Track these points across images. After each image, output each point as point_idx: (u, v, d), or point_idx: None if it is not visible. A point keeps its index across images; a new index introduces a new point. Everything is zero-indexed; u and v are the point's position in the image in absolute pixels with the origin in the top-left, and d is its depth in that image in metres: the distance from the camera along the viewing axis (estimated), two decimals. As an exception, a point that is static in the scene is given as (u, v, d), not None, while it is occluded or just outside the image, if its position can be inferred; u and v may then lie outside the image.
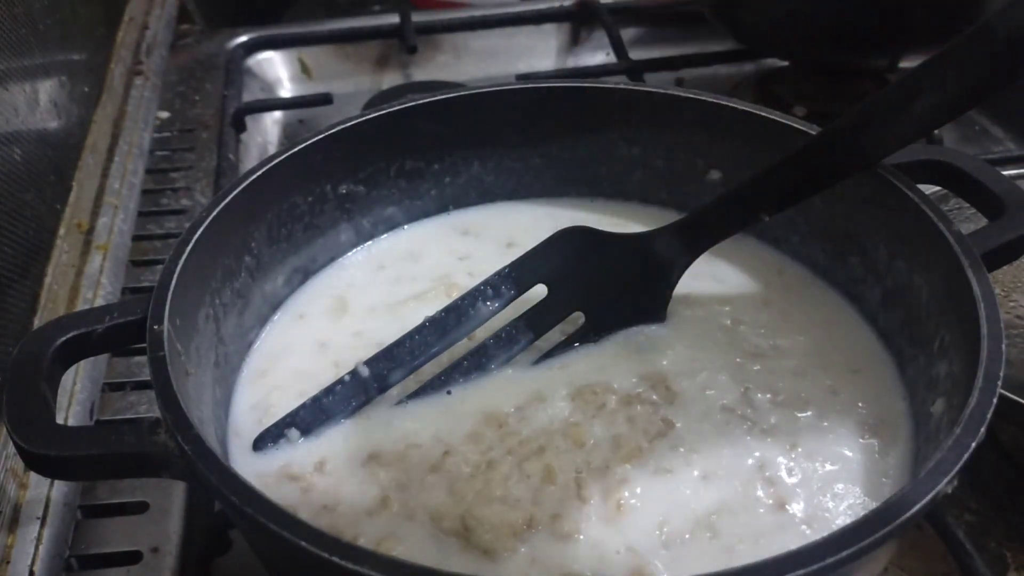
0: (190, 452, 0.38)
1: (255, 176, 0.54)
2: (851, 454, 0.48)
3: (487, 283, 0.53)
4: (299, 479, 0.48)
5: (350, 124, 0.58)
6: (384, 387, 0.52)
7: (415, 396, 0.52)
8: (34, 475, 0.54)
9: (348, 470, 0.48)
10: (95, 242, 0.71)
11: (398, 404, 0.52)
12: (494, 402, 0.51)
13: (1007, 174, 0.52)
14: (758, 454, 0.48)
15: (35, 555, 0.51)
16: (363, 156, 0.60)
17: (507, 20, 1.01)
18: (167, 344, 0.43)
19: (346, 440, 0.50)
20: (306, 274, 0.61)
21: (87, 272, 0.68)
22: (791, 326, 0.56)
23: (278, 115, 0.96)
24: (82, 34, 0.84)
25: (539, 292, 0.54)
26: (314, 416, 0.50)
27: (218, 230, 0.50)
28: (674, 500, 0.46)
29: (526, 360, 0.54)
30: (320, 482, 0.48)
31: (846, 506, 0.46)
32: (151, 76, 0.93)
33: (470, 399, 0.52)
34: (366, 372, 0.51)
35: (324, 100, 0.89)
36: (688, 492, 0.46)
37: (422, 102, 0.60)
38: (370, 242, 0.63)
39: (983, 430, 0.38)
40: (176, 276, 0.46)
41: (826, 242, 0.58)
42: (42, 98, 0.71)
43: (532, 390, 0.52)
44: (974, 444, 0.38)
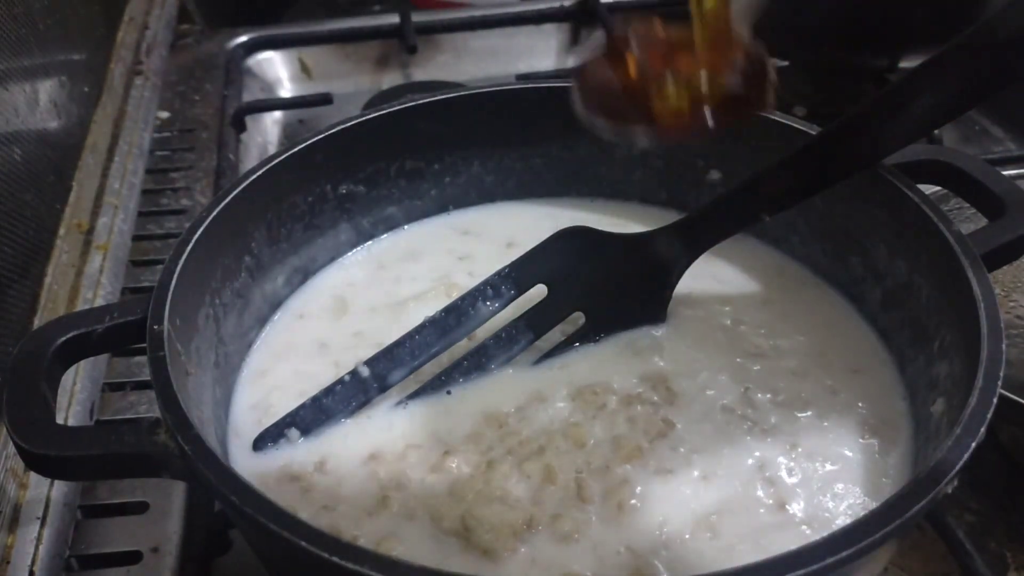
0: (190, 452, 0.38)
1: (255, 176, 0.54)
2: (851, 454, 0.48)
3: (487, 283, 0.53)
4: (299, 479, 0.48)
5: (350, 124, 0.58)
6: (384, 387, 0.52)
7: (415, 396, 0.52)
8: (34, 475, 0.54)
9: (348, 470, 0.48)
10: (95, 242, 0.71)
11: (398, 404, 0.52)
12: (494, 402, 0.51)
13: (1007, 174, 0.52)
14: (758, 454, 0.48)
15: (35, 555, 0.51)
16: (363, 156, 0.60)
17: (507, 20, 1.01)
18: (167, 344, 0.43)
19: (346, 440, 0.50)
20: (306, 274, 0.61)
21: (87, 272, 0.68)
22: (791, 326, 0.56)
23: (278, 115, 0.96)
24: (82, 34, 0.84)
25: (539, 292, 0.54)
26: (314, 416, 0.50)
27: (218, 230, 0.50)
28: (674, 500, 0.46)
29: (526, 360, 0.54)
30: (320, 482, 0.48)
31: (846, 506, 0.46)
32: (151, 76, 0.93)
33: (470, 399, 0.52)
34: (366, 372, 0.51)
35: (324, 100, 0.89)
36: (688, 492, 0.46)
37: (422, 102, 0.60)
38: (370, 242, 0.63)
39: (983, 430, 0.38)
40: (176, 276, 0.46)
41: (826, 242, 0.58)
42: (42, 98, 0.71)
43: (532, 390, 0.52)
44: (974, 444, 0.38)
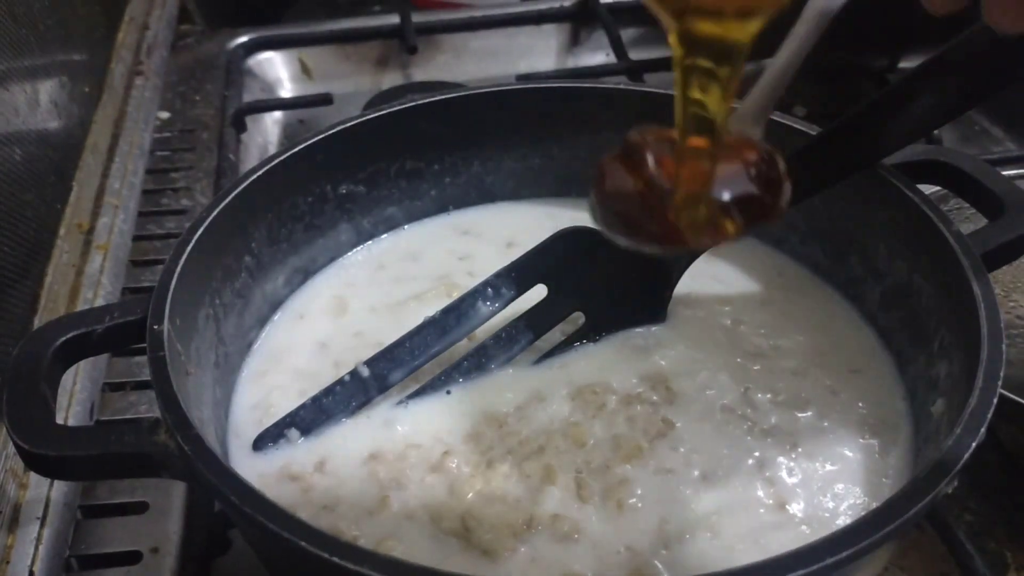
0: (190, 452, 0.38)
1: (255, 176, 0.54)
2: (851, 454, 0.48)
3: (487, 283, 0.53)
4: (299, 479, 0.48)
5: (350, 124, 0.58)
6: (384, 387, 0.52)
7: (415, 396, 0.52)
8: (34, 475, 0.54)
9: (348, 470, 0.48)
10: (95, 242, 0.71)
11: (398, 404, 0.52)
12: (494, 402, 0.51)
13: (1007, 174, 0.52)
14: (758, 454, 0.48)
15: (35, 555, 0.51)
16: (363, 156, 0.60)
17: (507, 20, 1.01)
18: (167, 344, 0.43)
19: (346, 440, 0.50)
20: (306, 274, 0.61)
21: (87, 272, 0.68)
22: (791, 326, 0.56)
23: (278, 115, 0.96)
24: (82, 34, 0.84)
25: (539, 292, 0.54)
26: (314, 416, 0.50)
27: (218, 230, 0.50)
28: (674, 500, 0.46)
29: (526, 360, 0.54)
30: (320, 482, 0.48)
31: (846, 506, 0.46)
32: (151, 76, 0.93)
33: (470, 399, 0.52)
34: (366, 372, 0.51)
35: (324, 100, 0.89)
36: (688, 492, 0.46)
37: (422, 102, 0.60)
38: (370, 242, 0.63)
39: (983, 430, 0.38)
40: (176, 276, 0.46)
41: (826, 242, 0.58)
42: (42, 98, 0.71)
43: (532, 390, 0.52)
44: (974, 444, 0.38)
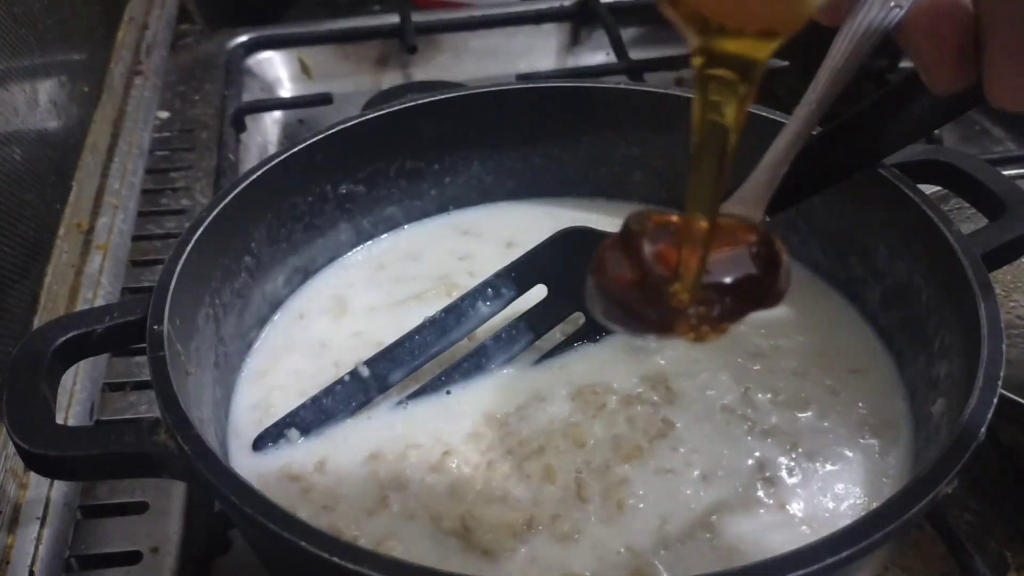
0: (190, 452, 0.38)
1: (255, 176, 0.54)
2: (851, 454, 0.48)
3: (487, 283, 0.53)
4: (299, 479, 0.48)
5: (350, 124, 0.58)
6: (384, 387, 0.52)
7: (415, 396, 0.52)
8: (34, 475, 0.54)
9: (348, 470, 0.48)
10: (95, 242, 0.71)
11: (398, 404, 0.52)
12: (494, 402, 0.51)
13: (1007, 174, 0.52)
14: (758, 454, 0.48)
15: (35, 555, 0.51)
16: (363, 156, 0.60)
17: (507, 20, 1.01)
18: (167, 344, 0.43)
19: (346, 440, 0.50)
20: (306, 274, 0.61)
21: (87, 272, 0.68)
22: (791, 326, 0.56)
23: (278, 115, 0.96)
24: (82, 34, 0.84)
25: (539, 292, 0.54)
26: (314, 416, 0.50)
27: (218, 230, 0.50)
28: (674, 500, 0.46)
29: (526, 360, 0.54)
30: (320, 482, 0.48)
31: (846, 506, 0.46)
32: (151, 76, 0.93)
33: (470, 399, 0.52)
34: (366, 372, 0.51)
35: (324, 100, 0.89)
36: (688, 492, 0.46)
37: (422, 102, 0.60)
38: (370, 242, 0.63)
39: (983, 430, 0.38)
40: (176, 276, 0.46)
41: (826, 242, 0.58)
42: (42, 98, 0.70)
43: (532, 390, 0.52)
44: (974, 444, 0.38)
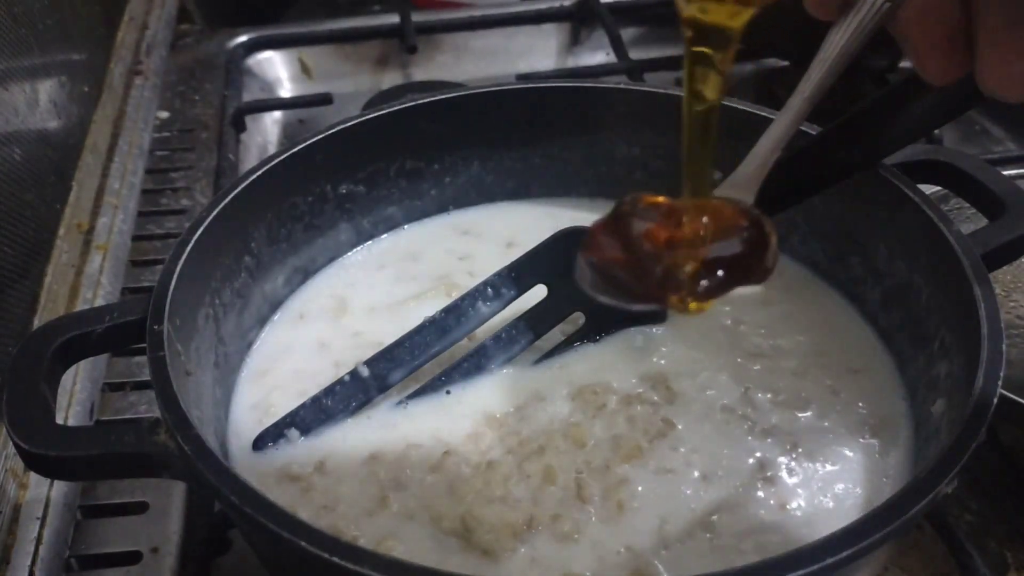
0: (190, 452, 0.38)
1: (255, 176, 0.54)
2: (851, 454, 0.48)
3: (487, 283, 0.53)
4: (299, 479, 0.48)
5: (350, 124, 0.58)
6: (384, 387, 0.52)
7: (415, 396, 0.52)
8: (34, 475, 0.54)
9: (348, 470, 0.48)
10: (95, 242, 0.71)
11: (398, 404, 0.52)
12: (494, 402, 0.51)
13: (1007, 174, 0.52)
14: (758, 454, 0.48)
15: (35, 555, 0.51)
16: (363, 156, 0.60)
17: (507, 20, 1.01)
18: (167, 344, 0.43)
19: (346, 440, 0.50)
20: (306, 274, 0.61)
21: (87, 272, 0.68)
22: (791, 326, 0.56)
23: (278, 115, 0.96)
24: (82, 34, 0.84)
25: (539, 292, 0.54)
26: (314, 416, 0.50)
27: (218, 230, 0.50)
28: (674, 500, 0.46)
29: (526, 360, 0.54)
30: (320, 482, 0.48)
31: (846, 506, 0.46)
32: (151, 76, 0.93)
33: (470, 399, 0.52)
34: (366, 372, 0.51)
35: (324, 100, 0.89)
36: (688, 492, 0.46)
37: (422, 102, 0.60)
38: (370, 242, 0.63)
39: (983, 430, 0.38)
40: (176, 276, 0.46)
41: (826, 242, 0.58)
42: (42, 98, 0.71)
43: (532, 390, 0.52)
44: (974, 444, 0.38)
